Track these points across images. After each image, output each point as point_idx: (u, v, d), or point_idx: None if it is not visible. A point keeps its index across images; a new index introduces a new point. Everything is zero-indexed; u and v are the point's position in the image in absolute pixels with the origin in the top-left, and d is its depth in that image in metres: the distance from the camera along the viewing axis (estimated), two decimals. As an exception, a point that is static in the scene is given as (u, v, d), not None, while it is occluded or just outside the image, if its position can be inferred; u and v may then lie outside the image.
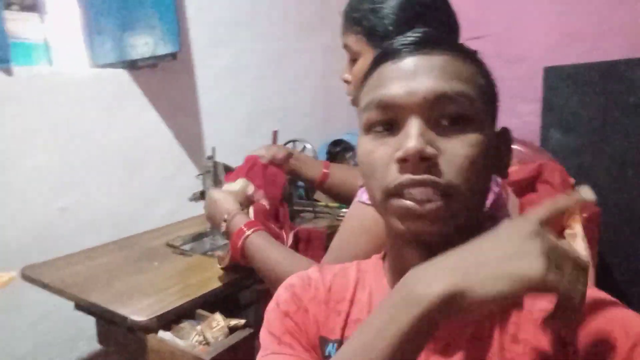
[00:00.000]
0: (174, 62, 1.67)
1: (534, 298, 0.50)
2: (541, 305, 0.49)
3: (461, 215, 0.50)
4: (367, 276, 0.62)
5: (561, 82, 1.98)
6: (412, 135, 0.48)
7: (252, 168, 1.21)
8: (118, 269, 1.23)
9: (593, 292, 0.50)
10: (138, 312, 1.00)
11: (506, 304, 0.44)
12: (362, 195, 0.83)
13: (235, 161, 1.40)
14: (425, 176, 0.47)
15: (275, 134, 1.64)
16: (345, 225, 0.86)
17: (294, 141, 1.69)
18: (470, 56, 0.54)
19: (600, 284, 0.56)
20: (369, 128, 0.54)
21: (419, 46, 0.52)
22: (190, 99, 1.83)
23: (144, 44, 1.58)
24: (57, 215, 1.51)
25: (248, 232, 0.96)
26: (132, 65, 1.68)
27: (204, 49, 1.85)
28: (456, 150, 0.48)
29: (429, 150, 0.47)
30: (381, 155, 0.51)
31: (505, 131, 0.57)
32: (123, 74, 1.66)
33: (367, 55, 0.90)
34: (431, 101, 0.49)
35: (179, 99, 1.80)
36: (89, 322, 1.16)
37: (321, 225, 1.41)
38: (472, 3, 2.11)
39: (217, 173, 1.37)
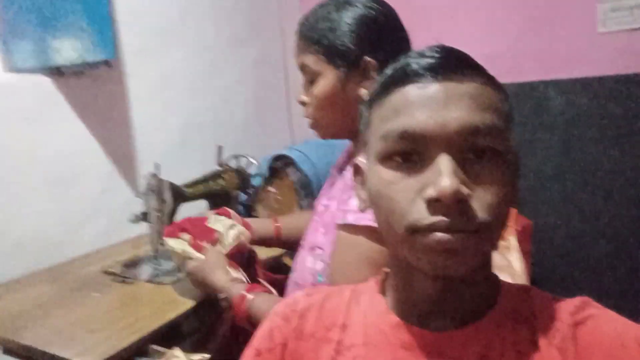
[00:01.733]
0: (102, 70, 1.54)
1: (545, 316, 0.51)
2: (553, 323, 0.50)
3: (489, 250, 0.50)
4: (362, 297, 0.59)
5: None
6: (446, 173, 0.44)
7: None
8: (52, 302, 1.10)
9: (600, 309, 0.51)
10: (84, 354, 0.90)
11: None
12: (347, 217, 0.80)
13: (170, 176, 1.31)
14: (460, 221, 0.45)
15: (219, 149, 1.57)
16: (344, 257, 0.81)
17: (237, 156, 1.63)
18: (495, 82, 0.51)
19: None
20: (386, 157, 0.50)
21: (446, 70, 0.49)
22: (121, 111, 1.69)
23: (71, 49, 1.43)
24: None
25: (250, 297, 0.91)
26: (55, 72, 1.52)
27: (135, 57, 1.73)
28: (489, 189, 0.46)
29: (465, 190, 0.45)
30: (404, 187, 0.47)
31: (516, 155, 0.55)
32: (45, 81, 1.49)
33: (329, 75, 0.88)
34: (463, 135, 0.46)
35: (109, 110, 1.65)
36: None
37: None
38: (402, 20, 2.19)
39: (162, 191, 1.27)
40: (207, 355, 0.93)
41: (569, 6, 1.89)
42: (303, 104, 0.94)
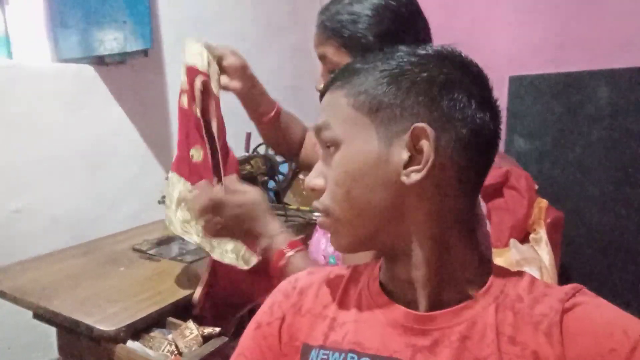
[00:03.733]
0: (143, 59, 1.62)
1: (534, 301, 0.50)
2: (541, 309, 0.49)
3: (353, 229, 0.56)
4: (361, 277, 0.62)
5: (525, 91, 2.04)
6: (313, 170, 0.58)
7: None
8: (81, 274, 1.18)
9: (591, 297, 0.50)
10: (105, 321, 0.95)
11: None
12: None
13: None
14: (314, 204, 0.58)
15: (248, 136, 1.61)
16: None
17: (266, 143, 1.66)
18: (348, 87, 0.55)
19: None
20: None
21: (329, 85, 0.58)
22: (158, 98, 1.77)
23: (113, 39, 1.52)
24: (12, 217, 1.42)
25: (290, 253, 0.87)
26: (98, 61, 1.61)
27: (173, 46, 1.80)
28: (331, 177, 0.55)
29: (313, 182, 0.57)
30: None
31: (418, 129, 0.50)
32: (88, 70, 1.59)
33: None
34: (316, 135, 0.57)
35: (146, 97, 1.74)
36: (46, 331, 1.10)
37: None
38: (438, 10, 2.15)
39: (188, 175, 1.32)
40: (218, 329, 0.97)
41: (618, -7, 1.79)
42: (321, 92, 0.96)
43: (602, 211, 1.90)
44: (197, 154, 1.05)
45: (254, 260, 0.96)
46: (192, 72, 1.05)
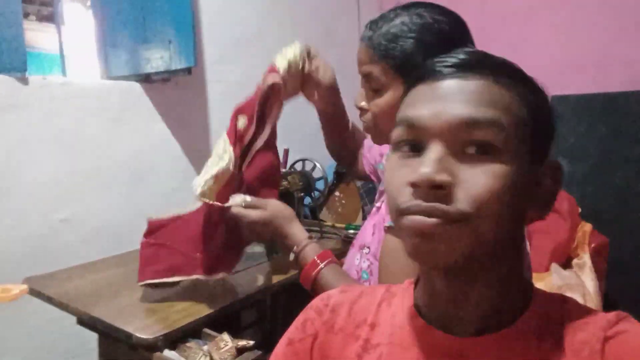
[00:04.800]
0: (187, 77, 1.68)
1: (576, 328, 0.49)
2: (583, 336, 0.48)
3: (471, 245, 0.47)
4: (394, 299, 0.60)
5: (567, 112, 1.99)
6: (427, 161, 0.46)
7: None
8: (122, 283, 1.21)
9: (636, 325, 0.48)
10: (143, 330, 0.98)
11: None
12: (389, 217, 0.82)
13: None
14: (432, 204, 0.45)
15: (286, 152, 1.64)
16: (390, 260, 0.82)
17: (303, 160, 1.69)
18: (513, 82, 0.50)
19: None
20: (396, 146, 0.53)
21: (457, 69, 0.50)
22: (200, 114, 1.83)
23: (159, 58, 1.59)
24: (59, 227, 1.49)
25: (321, 265, 0.91)
26: (145, 79, 1.68)
27: (215, 64, 1.86)
28: (475, 180, 0.45)
29: (439, 178, 0.45)
30: (400, 174, 0.50)
31: (556, 166, 0.53)
32: (134, 87, 1.66)
33: (396, 87, 0.86)
34: (455, 126, 0.47)
35: (189, 113, 1.80)
36: (89, 336, 1.13)
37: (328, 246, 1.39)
38: (474, 32, 2.13)
39: (226, 189, 1.35)
40: (252, 342, 0.98)
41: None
42: (362, 109, 0.94)
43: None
44: (242, 122, 1.07)
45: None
46: (272, 70, 1.08)
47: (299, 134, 2.21)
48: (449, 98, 0.48)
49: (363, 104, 0.93)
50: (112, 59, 1.74)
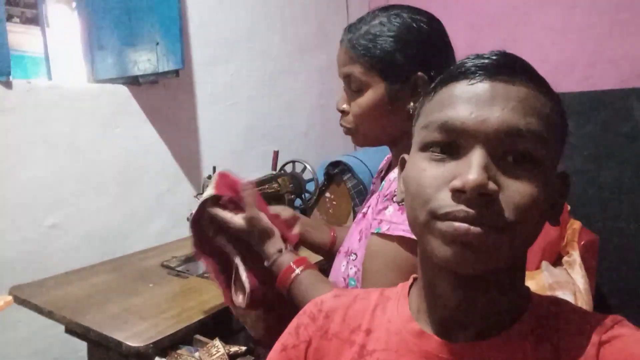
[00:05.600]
0: (174, 79, 1.66)
1: (572, 333, 0.48)
2: (579, 341, 0.47)
3: (508, 254, 0.47)
4: (389, 303, 0.59)
5: (557, 110, 2.00)
6: (475, 166, 0.44)
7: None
8: (112, 290, 1.20)
9: (631, 330, 0.48)
10: (134, 337, 0.97)
11: None
12: (382, 226, 0.81)
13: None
14: (479, 212, 0.44)
15: (275, 154, 1.62)
16: (373, 264, 0.81)
17: (293, 162, 1.67)
18: (549, 91, 0.50)
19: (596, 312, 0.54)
20: (425, 147, 0.50)
21: (499, 71, 0.48)
22: (188, 116, 1.82)
23: (147, 60, 1.57)
24: (48, 233, 1.47)
25: (297, 271, 0.88)
26: (133, 81, 1.66)
27: (203, 66, 1.84)
28: (518, 190, 0.45)
29: (491, 186, 0.44)
30: (434, 175, 0.48)
31: (565, 176, 0.53)
32: (122, 90, 1.64)
33: (378, 87, 0.86)
34: (502, 134, 0.45)
35: (177, 116, 1.78)
36: (80, 344, 1.12)
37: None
38: (466, 30, 2.14)
39: (217, 193, 1.34)
40: (244, 347, 0.97)
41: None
42: (342, 112, 0.94)
43: (637, 233, 1.84)
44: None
45: None
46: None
47: (288, 135, 2.21)
48: (496, 103, 0.46)
49: (345, 106, 0.93)
50: (98, 62, 1.72)
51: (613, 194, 1.88)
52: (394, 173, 0.83)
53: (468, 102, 0.47)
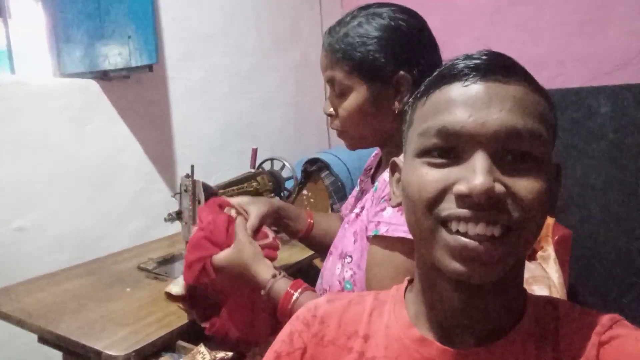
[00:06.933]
0: (147, 74, 1.60)
1: (571, 334, 0.49)
2: (578, 342, 0.48)
3: (518, 257, 0.47)
4: (385, 307, 0.58)
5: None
6: (480, 171, 0.44)
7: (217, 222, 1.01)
8: (87, 295, 1.15)
9: (630, 329, 0.48)
10: (113, 346, 0.93)
11: None
12: (380, 228, 0.79)
13: (207, 177, 1.34)
14: (489, 214, 0.44)
15: (254, 152, 1.59)
16: (380, 272, 0.79)
17: (271, 159, 1.65)
18: (541, 88, 0.50)
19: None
20: (423, 153, 0.49)
21: (492, 72, 0.47)
22: (162, 113, 1.76)
23: (118, 54, 1.50)
24: (15, 236, 1.39)
25: (296, 295, 0.87)
26: (102, 76, 1.59)
27: (177, 61, 1.79)
28: (524, 188, 0.45)
29: (498, 188, 0.43)
30: (436, 179, 0.47)
31: (558, 166, 0.54)
32: (92, 85, 1.57)
33: (360, 90, 0.86)
34: (502, 136, 0.45)
35: (151, 112, 1.72)
36: (53, 354, 1.07)
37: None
38: (439, 29, 2.15)
39: (196, 192, 1.30)
40: (230, 353, 0.95)
41: (620, 11, 1.80)
42: (330, 115, 0.93)
43: (607, 228, 1.90)
44: None
45: None
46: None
47: (264, 133, 2.18)
48: (493, 104, 0.46)
49: (330, 110, 0.92)
50: (65, 55, 1.64)
51: (583, 190, 1.94)
52: (388, 174, 0.82)
53: (465, 105, 0.47)
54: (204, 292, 0.98)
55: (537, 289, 1.54)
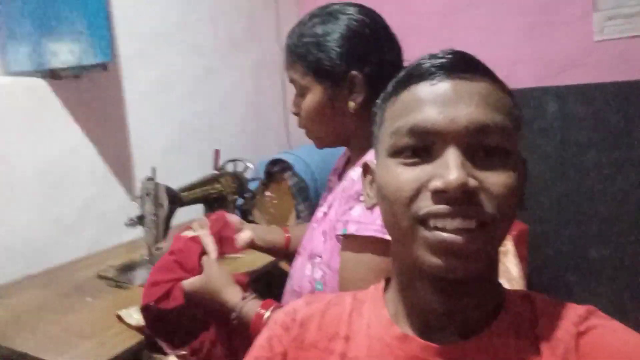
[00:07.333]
0: (100, 74, 1.52)
1: (548, 325, 0.50)
2: (556, 333, 0.49)
3: (494, 250, 0.49)
4: (364, 307, 0.58)
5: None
6: (453, 166, 0.45)
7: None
8: (43, 308, 1.08)
9: (605, 320, 0.50)
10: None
11: None
12: (349, 227, 0.79)
13: (166, 180, 1.30)
14: (466, 209, 0.45)
15: (217, 153, 1.56)
16: (354, 275, 0.78)
17: (234, 160, 1.62)
18: (504, 85, 0.52)
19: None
20: (395, 153, 0.50)
21: (458, 70, 0.49)
22: (118, 114, 1.68)
23: (68, 52, 1.42)
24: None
25: (268, 313, 0.85)
26: (52, 75, 1.50)
27: (131, 60, 1.71)
28: (496, 182, 0.46)
29: (472, 182, 0.45)
30: (411, 178, 0.48)
31: (524, 161, 0.55)
32: (41, 84, 1.48)
33: (316, 90, 0.88)
34: (472, 131, 0.46)
35: (105, 113, 1.64)
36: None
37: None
38: (399, 26, 2.19)
39: (158, 195, 1.25)
40: (202, 362, 0.92)
41: (566, 14, 1.90)
42: (296, 114, 0.94)
43: (558, 221, 1.99)
44: None
45: None
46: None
47: (224, 133, 2.13)
48: (461, 101, 0.47)
49: (294, 109, 0.94)
50: (9, 53, 1.53)
51: (538, 189, 2.03)
52: (355, 172, 0.82)
53: (434, 103, 0.48)
54: (166, 317, 0.93)
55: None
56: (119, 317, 1.01)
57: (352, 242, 0.78)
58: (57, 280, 1.23)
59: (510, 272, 1.58)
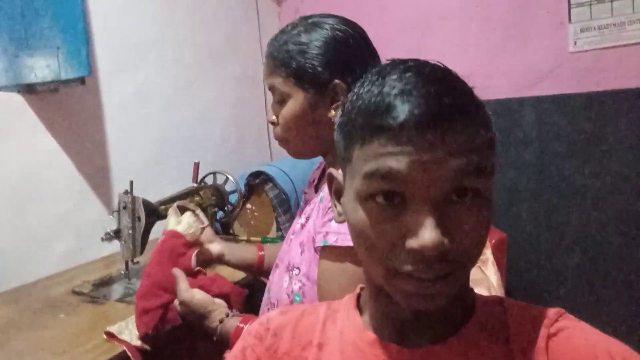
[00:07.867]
0: (78, 87, 1.51)
1: (519, 328, 0.51)
2: (527, 335, 0.50)
3: (462, 284, 0.50)
4: (338, 315, 0.59)
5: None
6: (429, 227, 0.44)
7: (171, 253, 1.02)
8: (13, 325, 1.05)
9: (574, 321, 0.51)
10: (49, 378, 0.85)
11: None
12: (329, 238, 0.78)
13: (145, 193, 1.29)
14: (439, 267, 0.45)
15: (196, 166, 1.55)
16: (334, 286, 0.78)
17: (214, 173, 1.61)
18: (477, 111, 0.49)
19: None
20: (367, 197, 0.48)
21: (434, 117, 0.45)
22: (95, 127, 1.66)
23: (46, 67, 1.41)
24: None
25: (247, 327, 0.86)
26: (28, 90, 1.49)
27: (109, 73, 1.71)
28: (467, 230, 0.46)
29: (447, 242, 0.44)
30: (385, 232, 0.47)
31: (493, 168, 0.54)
32: (15, 98, 1.46)
33: (297, 97, 0.88)
34: (446, 178, 0.45)
35: (83, 126, 1.62)
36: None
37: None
38: (376, 37, 2.21)
39: (136, 209, 1.24)
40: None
41: (541, 26, 1.94)
42: (273, 123, 0.94)
43: (536, 231, 2.02)
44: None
45: None
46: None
47: (204, 146, 2.12)
48: (435, 147, 0.45)
49: (273, 118, 0.93)
50: (-16, 66, 1.51)
51: (513, 195, 2.05)
52: None
53: (407, 153, 0.45)
54: (166, 339, 0.96)
55: (478, 291, 1.59)
56: (110, 335, 0.98)
57: (331, 252, 0.78)
58: (28, 296, 1.20)
59: (490, 280, 1.59)
